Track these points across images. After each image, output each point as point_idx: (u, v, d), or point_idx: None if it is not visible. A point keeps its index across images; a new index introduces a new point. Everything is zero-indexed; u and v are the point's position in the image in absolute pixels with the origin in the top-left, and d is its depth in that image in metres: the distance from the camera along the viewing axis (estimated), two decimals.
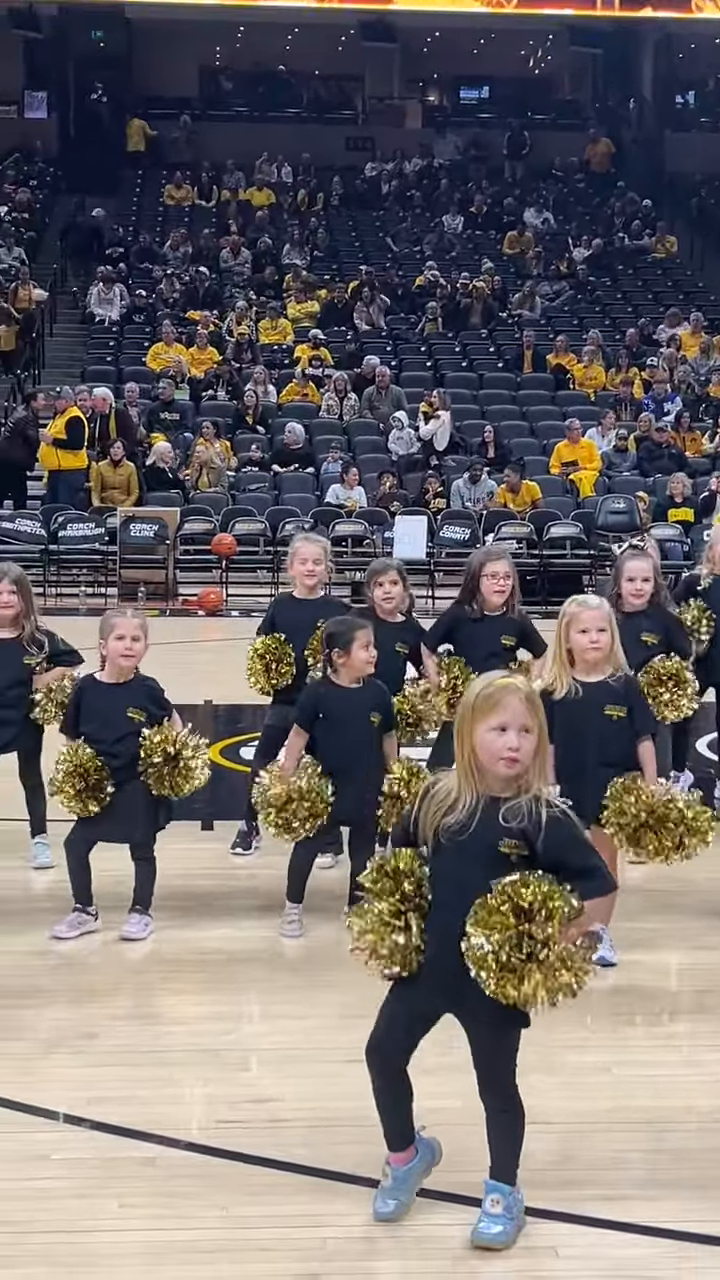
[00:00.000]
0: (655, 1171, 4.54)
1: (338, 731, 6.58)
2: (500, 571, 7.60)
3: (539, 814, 4.00)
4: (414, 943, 4.05)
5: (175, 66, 34.69)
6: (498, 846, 4.00)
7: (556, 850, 4.01)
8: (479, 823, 4.01)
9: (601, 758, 6.16)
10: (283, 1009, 5.84)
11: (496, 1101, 4.11)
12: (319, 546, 7.68)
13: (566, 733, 6.10)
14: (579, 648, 6.15)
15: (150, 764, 6.43)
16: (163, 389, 22.02)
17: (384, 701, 6.72)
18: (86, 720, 6.54)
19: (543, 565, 19.05)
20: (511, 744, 3.99)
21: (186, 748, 6.49)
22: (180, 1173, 4.49)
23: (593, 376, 24.24)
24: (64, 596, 18.11)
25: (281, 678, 7.41)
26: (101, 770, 6.40)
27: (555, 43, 35.35)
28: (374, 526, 19.55)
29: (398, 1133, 4.19)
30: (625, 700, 6.18)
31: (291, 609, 7.61)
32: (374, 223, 30.48)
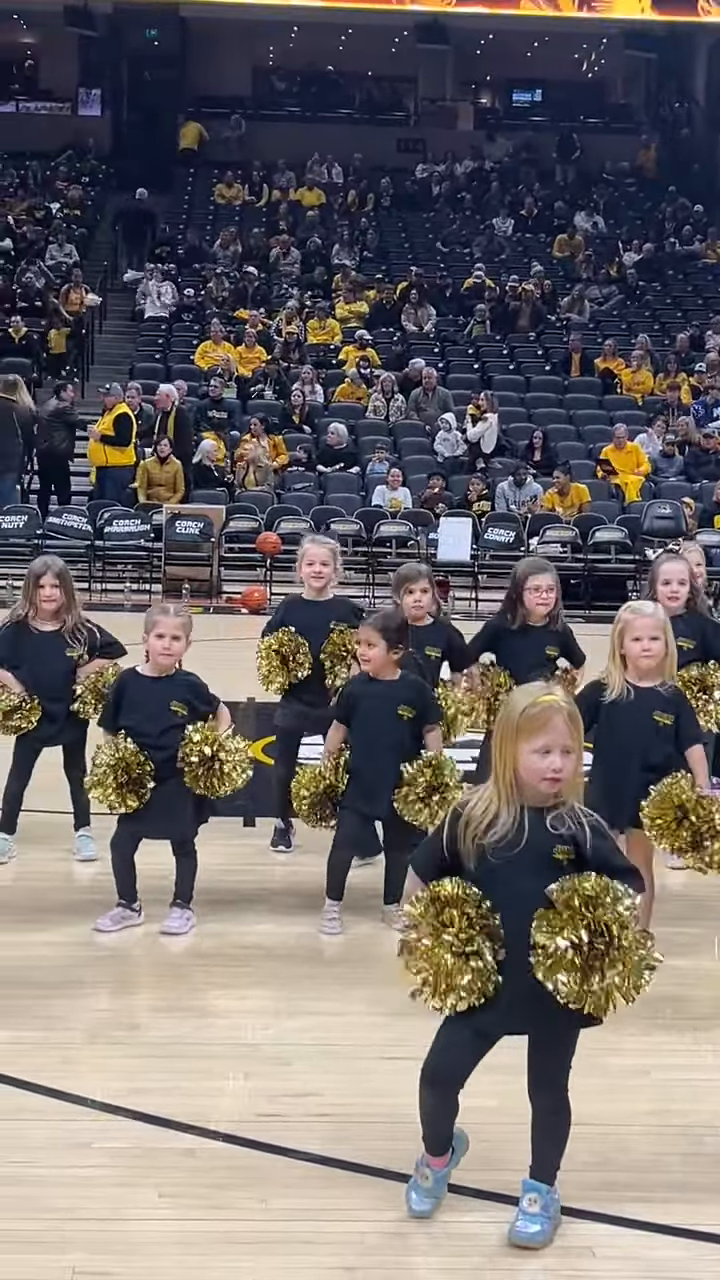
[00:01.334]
0: (693, 1174, 4.55)
1: (369, 725, 6.62)
2: (544, 584, 7.58)
3: (583, 823, 4.04)
4: (491, 966, 4.02)
5: (228, 66, 34.79)
6: (552, 854, 4.02)
7: (601, 855, 4.05)
8: (530, 834, 4.03)
9: (644, 762, 6.17)
10: (321, 1004, 5.87)
11: (548, 1103, 4.12)
12: (327, 548, 7.71)
13: (612, 735, 6.16)
14: (632, 655, 6.18)
15: (188, 763, 6.48)
16: (212, 387, 22.10)
17: (418, 695, 6.71)
18: (128, 713, 6.57)
19: (587, 569, 19.03)
20: (555, 765, 4.01)
21: (224, 750, 6.50)
22: (219, 1164, 4.53)
23: (640, 381, 24.19)
24: (109, 592, 18.20)
25: (300, 668, 7.43)
26: (144, 765, 6.43)
27: (609, 46, 35.28)
28: (419, 528, 19.57)
29: (440, 1141, 4.21)
30: (674, 708, 6.20)
31: (301, 610, 7.64)
32: (424, 224, 30.50)
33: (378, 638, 6.60)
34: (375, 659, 6.59)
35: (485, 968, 4.01)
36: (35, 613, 7.40)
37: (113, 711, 6.65)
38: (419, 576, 7.55)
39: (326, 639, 7.46)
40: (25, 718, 7.28)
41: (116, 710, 6.63)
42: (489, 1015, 4.06)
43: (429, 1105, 4.15)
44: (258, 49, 35.63)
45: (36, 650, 7.37)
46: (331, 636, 7.47)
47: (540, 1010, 4.00)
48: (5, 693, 7.27)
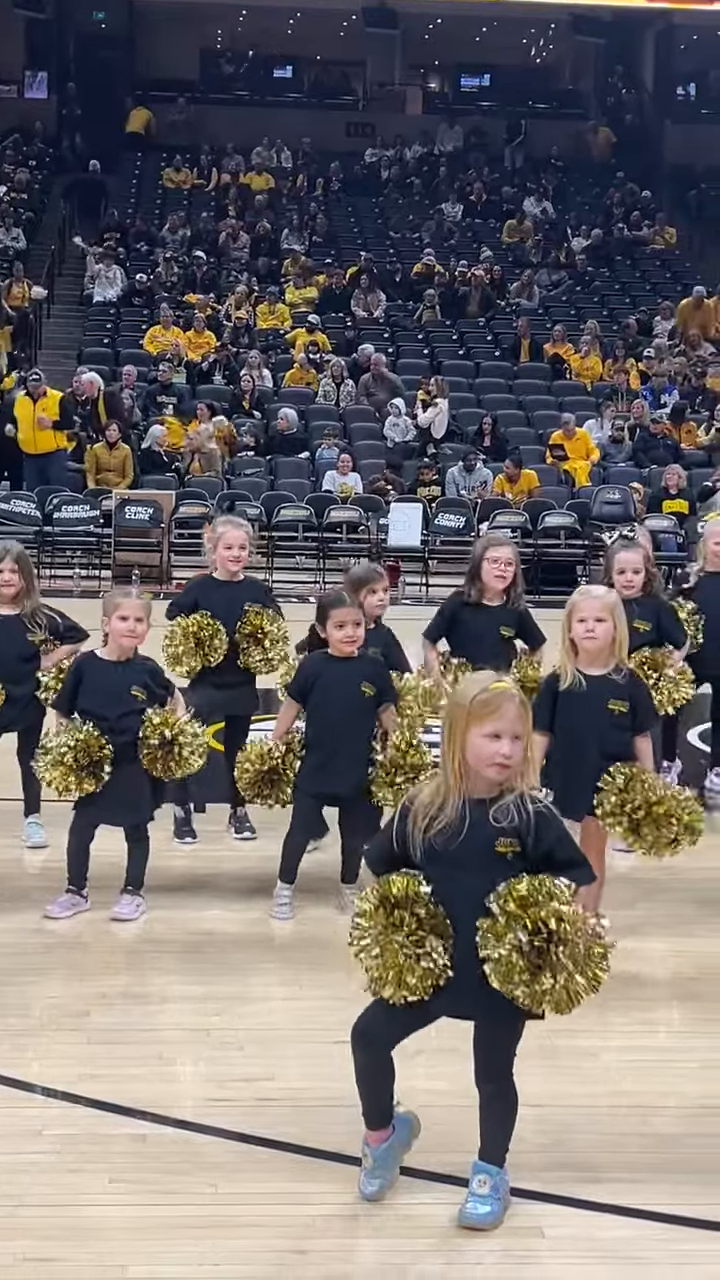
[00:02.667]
0: (642, 1154, 4.59)
1: (328, 703, 6.62)
2: (503, 557, 7.60)
3: (527, 810, 4.05)
4: (442, 965, 4.04)
5: (176, 49, 34.58)
6: (493, 847, 4.04)
7: (546, 845, 4.07)
8: (470, 826, 4.05)
9: (601, 751, 6.17)
10: (273, 990, 5.89)
11: (492, 1087, 4.16)
12: (244, 531, 7.73)
13: (567, 724, 6.15)
14: (576, 636, 6.17)
15: (147, 745, 6.47)
16: (161, 372, 22.02)
17: (379, 673, 6.73)
18: (87, 696, 6.55)
19: (537, 555, 19.07)
20: (505, 751, 4.03)
21: (184, 734, 6.54)
22: (170, 1150, 4.54)
23: (589, 367, 24.25)
24: (58, 578, 18.11)
25: (214, 654, 7.44)
26: (104, 749, 6.42)
27: (557, 32, 35.28)
28: (369, 513, 19.57)
29: (377, 1111, 4.23)
30: (628, 695, 6.20)
31: (215, 592, 7.63)
32: (373, 209, 30.45)
33: (360, 615, 6.63)
34: (360, 637, 6.61)
35: (436, 967, 4.04)
36: None
37: (70, 694, 6.63)
38: (380, 577, 7.55)
39: (241, 620, 7.47)
40: None
41: (74, 693, 6.61)
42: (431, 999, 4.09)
43: (360, 1065, 4.19)
44: (206, 32, 35.43)
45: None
46: (247, 617, 7.49)
47: (483, 1000, 4.04)
48: None
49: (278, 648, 7.49)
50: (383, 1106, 4.24)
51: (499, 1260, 4.00)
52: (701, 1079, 5.17)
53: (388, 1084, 4.22)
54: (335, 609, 6.62)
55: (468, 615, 7.69)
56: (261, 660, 7.50)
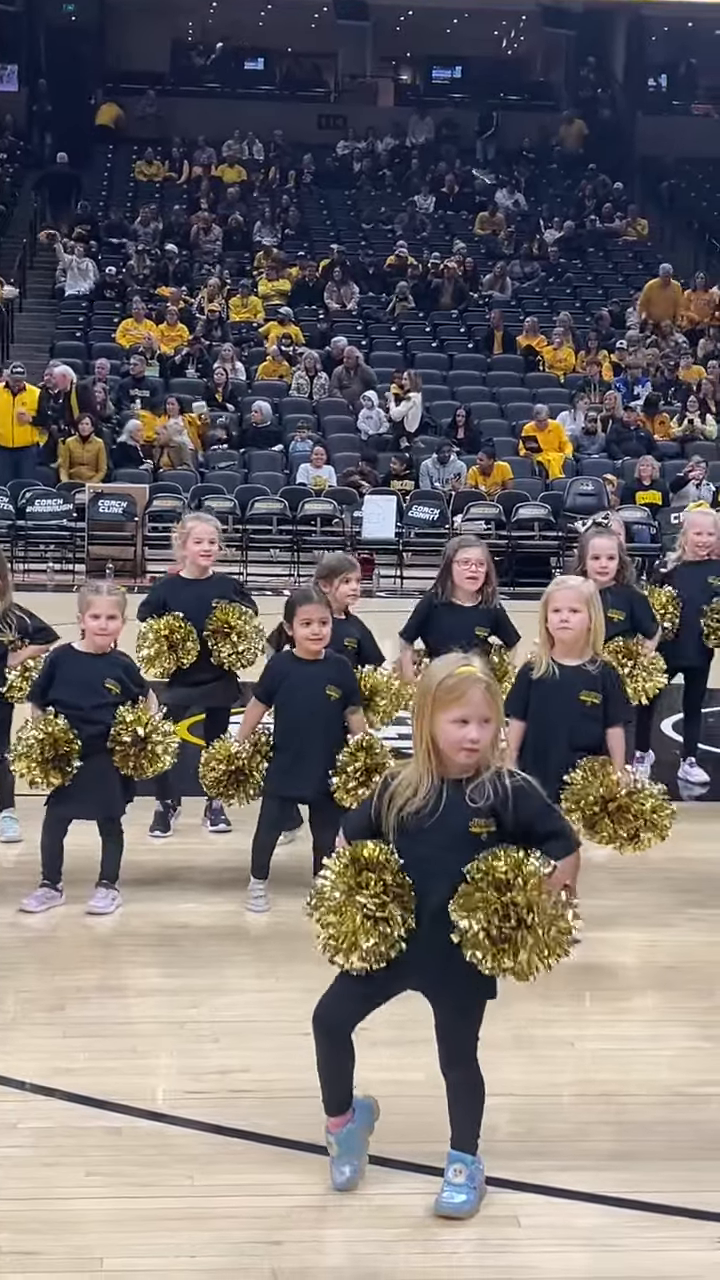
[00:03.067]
0: (617, 1143, 4.60)
1: (296, 705, 6.61)
2: (473, 558, 7.59)
3: (504, 786, 4.05)
4: (399, 933, 4.05)
5: (147, 41, 34.49)
6: (468, 828, 4.04)
7: (525, 818, 4.07)
8: (446, 806, 4.05)
9: (571, 741, 6.19)
10: (248, 982, 5.89)
11: (459, 1074, 4.17)
12: (213, 527, 7.72)
13: (539, 713, 6.16)
14: (551, 627, 6.18)
15: (119, 742, 6.46)
16: (134, 365, 21.98)
17: (345, 676, 6.73)
18: (61, 687, 6.54)
19: (511, 546, 19.10)
20: (472, 736, 4.03)
21: (157, 732, 6.54)
22: (146, 1142, 4.53)
23: (562, 358, 24.28)
24: (31, 573, 18.07)
25: (187, 656, 7.43)
26: (72, 744, 6.41)
27: (528, 24, 35.30)
28: (343, 506, 19.57)
29: (336, 1097, 4.24)
30: (601, 687, 6.21)
31: (183, 589, 7.62)
32: (345, 201, 30.42)
33: (327, 613, 6.62)
34: (326, 636, 6.61)
35: (392, 935, 4.05)
36: None
37: (43, 685, 6.62)
38: (352, 566, 7.55)
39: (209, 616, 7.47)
40: None
41: (48, 684, 6.61)
42: (391, 972, 4.10)
43: (321, 1050, 4.20)
44: (177, 24, 35.35)
45: None
46: (215, 613, 7.48)
47: (443, 981, 4.07)
48: None
49: (248, 641, 7.47)
50: (342, 1093, 4.25)
51: (475, 1249, 4.00)
52: (677, 1067, 5.19)
53: (348, 1069, 4.23)
54: (302, 605, 6.59)
55: (443, 615, 7.67)
56: (232, 654, 7.48)
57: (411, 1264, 3.94)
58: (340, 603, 7.31)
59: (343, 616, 7.38)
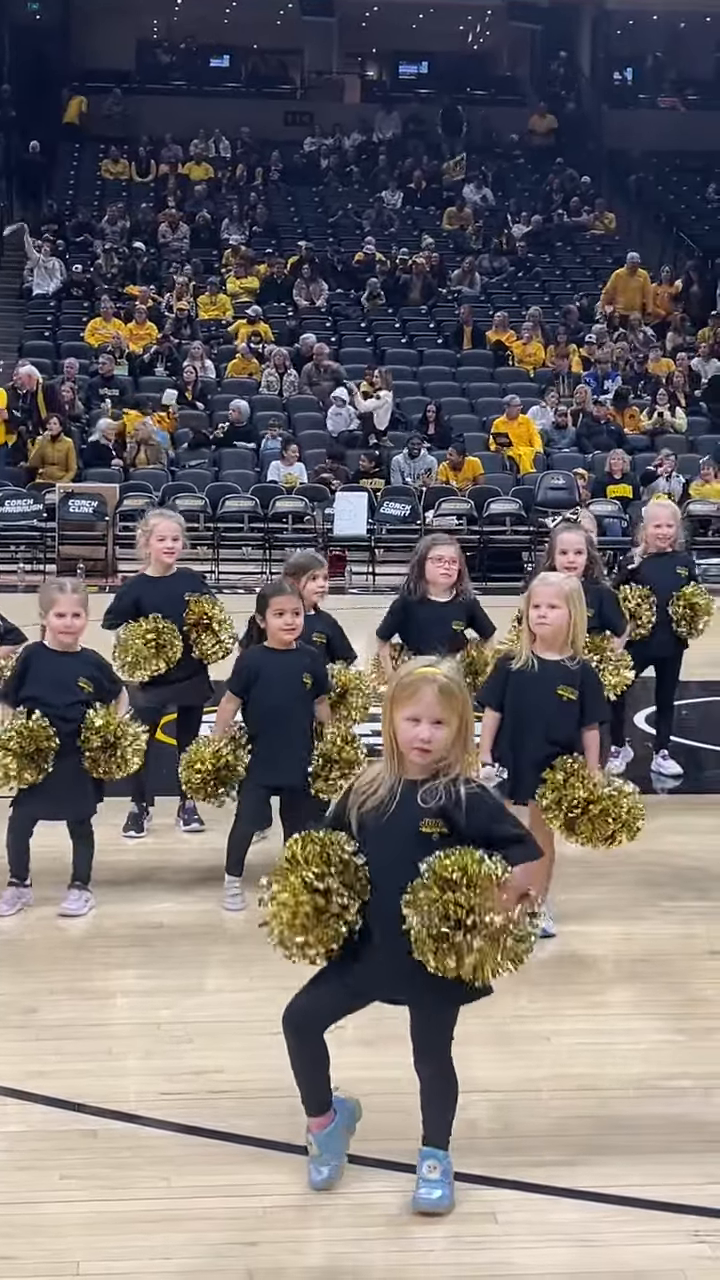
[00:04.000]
0: (594, 1137, 4.59)
1: (271, 695, 6.62)
2: (446, 555, 7.61)
3: (457, 792, 4.04)
4: (333, 910, 4.03)
5: (112, 39, 34.36)
6: (418, 827, 4.03)
7: (480, 824, 4.05)
8: (398, 805, 4.06)
9: (547, 735, 6.17)
10: (222, 982, 5.88)
11: (431, 1069, 4.16)
12: (176, 522, 7.70)
13: (516, 705, 6.17)
14: (531, 621, 6.19)
15: (89, 746, 6.43)
16: (102, 364, 21.92)
17: (317, 664, 6.78)
18: (34, 685, 6.50)
19: (483, 541, 19.11)
20: (423, 736, 4.03)
21: (125, 736, 6.49)
22: (121, 1145, 4.51)
23: (532, 353, 24.30)
24: (2, 574, 18.01)
25: (174, 652, 7.41)
26: (50, 741, 6.37)
27: (494, 18, 35.32)
28: (314, 503, 19.54)
29: (315, 1098, 4.23)
30: (579, 683, 6.21)
31: (154, 589, 7.59)
32: (313, 198, 30.38)
33: (299, 604, 6.63)
34: (299, 626, 6.59)
35: (329, 909, 4.02)
36: None
37: (16, 684, 6.59)
38: (319, 564, 7.57)
39: (184, 611, 7.45)
40: None
41: (20, 683, 6.57)
42: (362, 975, 4.10)
43: (293, 1050, 4.19)
44: (142, 22, 35.24)
45: None
46: (190, 607, 7.47)
47: (415, 982, 4.04)
48: None
49: (226, 628, 7.50)
50: (320, 1093, 4.24)
51: (451, 1246, 3.99)
52: (651, 1060, 5.19)
53: (322, 1069, 4.21)
54: (275, 597, 6.63)
55: (418, 612, 7.68)
56: (215, 645, 7.49)
57: (389, 1261, 3.94)
58: (309, 599, 7.32)
59: (312, 612, 7.39)
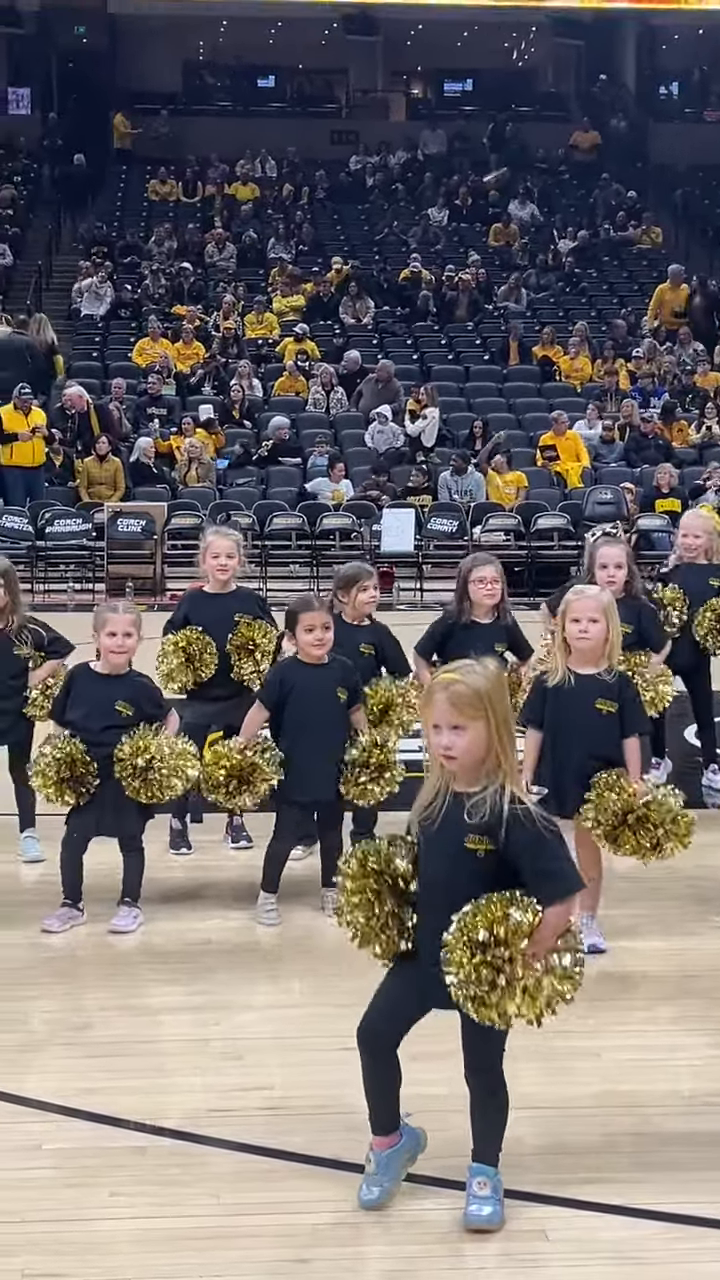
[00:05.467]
0: (643, 1154, 4.57)
1: (306, 710, 6.62)
2: (489, 576, 7.62)
3: (501, 809, 4.01)
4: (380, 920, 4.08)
5: (159, 61, 34.67)
6: (464, 843, 4.03)
7: (516, 850, 4.02)
8: (446, 817, 4.06)
9: (588, 750, 6.16)
10: (270, 998, 5.88)
11: (484, 1083, 4.15)
12: (231, 540, 7.71)
13: (556, 721, 6.16)
14: (570, 636, 6.17)
15: (123, 773, 6.45)
16: (150, 384, 22.03)
17: (349, 676, 6.76)
18: (74, 708, 6.56)
19: (530, 556, 19.08)
20: (444, 743, 4.04)
21: (159, 759, 6.47)
22: (171, 1161, 4.52)
23: (579, 368, 24.26)
24: (52, 593, 18.11)
25: (205, 668, 7.42)
26: (89, 765, 6.42)
27: (538, 35, 35.38)
28: (361, 520, 19.57)
29: (383, 1116, 4.23)
30: (617, 696, 6.19)
31: (206, 605, 7.62)
32: (359, 216, 30.47)
33: (329, 619, 6.65)
34: (329, 641, 6.61)
35: (378, 915, 4.08)
36: None
37: (62, 704, 6.66)
38: (369, 574, 7.57)
39: (232, 632, 7.47)
40: None
41: (65, 703, 6.64)
42: (416, 982, 4.11)
43: (365, 1066, 4.20)
44: (188, 44, 35.52)
45: None
46: (239, 628, 7.48)
47: None
48: None
49: (270, 659, 7.48)
50: (389, 1112, 4.23)
51: (503, 1264, 3.98)
52: (701, 1076, 5.16)
53: (393, 1087, 4.21)
54: (304, 613, 6.64)
55: (461, 635, 7.67)
56: (253, 672, 7.46)
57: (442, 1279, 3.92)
58: (360, 611, 7.36)
59: (364, 623, 7.41)
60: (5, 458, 19.57)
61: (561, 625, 6.22)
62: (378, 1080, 4.21)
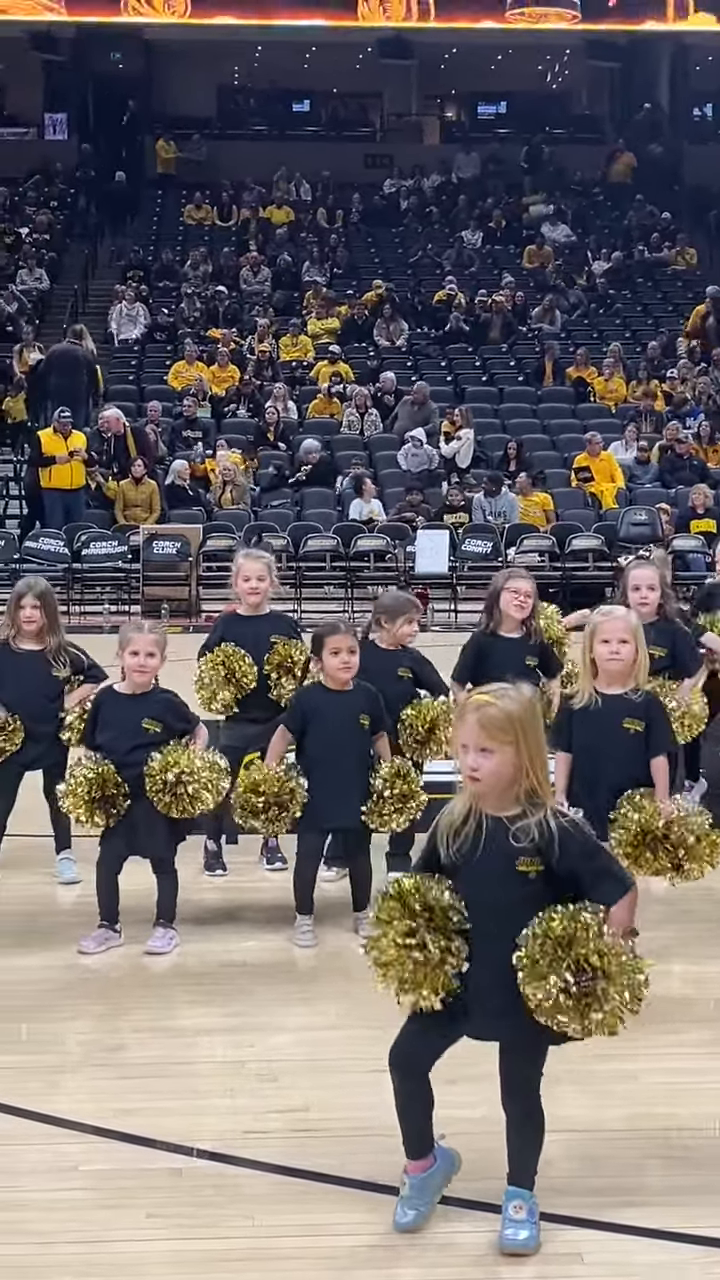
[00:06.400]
0: (678, 1177, 4.55)
1: (329, 735, 6.63)
2: (522, 589, 7.63)
3: (549, 827, 4.02)
4: (434, 960, 4.03)
5: (194, 86, 34.88)
6: (514, 866, 4.02)
7: (570, 861, 4.03)
8: (490, 843, 4.04)
9: (619, 770, 6.15)
10: (305, 1020, 5.87)
11: (520, 1108, 4.13)
12: (262, 562, 7.73)
13: (584, 744, 6.14)
14: (600, 658, 6.15)
15: (154, 789, 6.47)
16: (186, 407, 22.14)
17: (375, 704, 6.77)
18: (103, 730, 6.60)
19: (565, 578, 19.07)
20: (470, 764, 4.03)
21: (189, 773, 6.48)
22: (206, 1183, 4.52)
23: (613, 389, 24.26)
24: (88, 615, 18.19)
25: (246, 679, 7.42)
26: (120, 786, 6.44)
27: (572, 57, 35.44)
28: (396, 541, 19.59)
29: (416, 1140, 4.21)
30: (644, 715, 6.17)
31: (239, 626, 7.63)
32: (393, 239, 30.57)
33: (355, 643, 6.66)
34: (355, 665, 6.61)
35: (429, 961, 4.02)
36: (17, 634, 7.41)
37: (90, 728, 6.69)
38: (415, 607, 7.63)
39: (269, 653, 7.47)
40: (8, 739, 7.27)
41: (93, 727, 6.66)
42: (457, 1012, 4.09)
43: (397, 1091, 4.18)
44: (223, 69, 35.71)
45: (19, 670, 7.37)
46: (276, 649, 7.49)
47: (509, 1022, 4.03)
48: None
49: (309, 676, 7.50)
50: (422, 1135, 4.22)
51: None
52: None
53: (426, 1111, 4.20)
54: (330, 637, 6.65)
55: (491, 649, 7.68)
56: (293, 690, 7.49)
57: None
58: (399, 641, 7.38)
59: (401, 649, 7.42)
60: (45, 480, 19.68)
61: (589, 646, 6.21)
62: (410, 1104, 4.20)
